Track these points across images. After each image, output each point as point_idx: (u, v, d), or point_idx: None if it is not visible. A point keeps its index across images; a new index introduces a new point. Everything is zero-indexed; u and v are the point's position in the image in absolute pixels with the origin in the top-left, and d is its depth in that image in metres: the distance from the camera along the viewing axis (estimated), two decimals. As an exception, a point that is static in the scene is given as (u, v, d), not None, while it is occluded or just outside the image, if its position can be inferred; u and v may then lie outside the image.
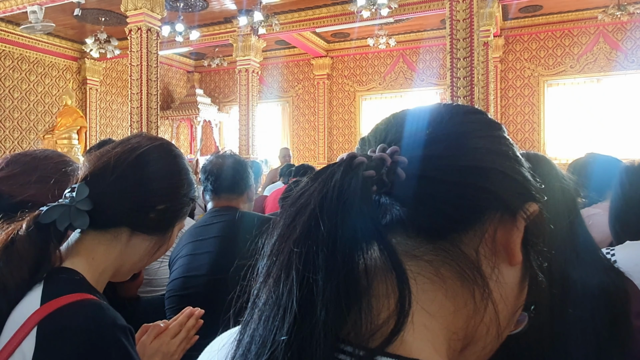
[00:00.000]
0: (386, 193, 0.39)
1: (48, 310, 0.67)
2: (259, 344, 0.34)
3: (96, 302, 0.71)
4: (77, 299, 0.69)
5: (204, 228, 1.67)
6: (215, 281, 1.46)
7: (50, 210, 0.74)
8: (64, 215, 0.74)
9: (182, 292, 1.57)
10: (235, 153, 1.84)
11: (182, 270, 1.61)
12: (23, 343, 0.65)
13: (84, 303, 0.70)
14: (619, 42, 8.64)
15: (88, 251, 0.79)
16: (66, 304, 0.68)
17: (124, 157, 0.82)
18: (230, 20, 8.77)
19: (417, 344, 0.35)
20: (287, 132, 11.37)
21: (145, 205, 0.83)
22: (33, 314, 0.67)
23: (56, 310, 0.67)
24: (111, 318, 0.69)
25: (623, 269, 0.90)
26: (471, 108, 0.46)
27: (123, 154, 0.83)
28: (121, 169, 0.81)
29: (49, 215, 0.73)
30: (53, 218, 0.73)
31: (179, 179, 0.89)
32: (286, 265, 0.34)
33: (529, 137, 9.30)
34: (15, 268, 0.70)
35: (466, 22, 5.28)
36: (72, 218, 0.75)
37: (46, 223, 0.73)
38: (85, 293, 0.71)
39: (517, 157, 0.43)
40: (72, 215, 0.75)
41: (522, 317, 0.46)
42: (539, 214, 0.42)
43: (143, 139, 0.88)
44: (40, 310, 0.67)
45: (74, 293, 0.70)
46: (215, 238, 1.59)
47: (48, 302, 0.68)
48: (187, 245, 1.65)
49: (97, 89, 10.41)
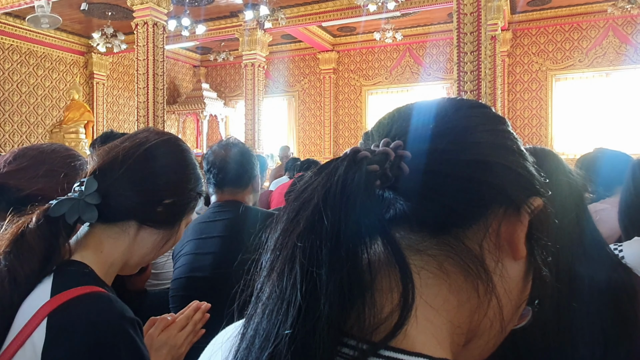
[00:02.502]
0: (390, 187, 0.39)
1: (58, 302, 0.68)
2: (262, 338, 0.34)
3: (104, 294, 0.72)
4: (86, 291, 0.70)
5: (207, 225, 1.62)
6: (218, 282, 1.42)
7: (59, 203, 0.75)
8: (73, 209, 0.75)
9: (185, 292, 1.56)
10: (239, 141, 1.75)
11: (185, 269, 1.58)
12: (34, 334, 0.66)
13: (93, 295, 0.71)
14: (628, 36, 8.53)
15: (96, 244, 0.80)
16: (75, 297, 0.69)
17: (132, 151, 0.83)
18: (236, 15, 8.75)
19: (421, 338, 0.35)
20: (293, 126, 11.37)
21: (153, 199, 0.84)
22: (43, 305, 0.68)
23: (66, 303, 0.68)
24: (119, 310, 0.70)
25: (631, 264, 0.90)
26: (475, 102, 0.45)
27: (131, 149, 0.83)
28: (129, 163, 0.81)
29: (58, 208, 0.74)
30: (62, 211, 0.74)
31: (187, 173, 0.90)
32: (290, 259, 0.34)
33: (536, 132, 9.24)
34: (25, 260, 0.71)
35: (474, 15, 5.23)
36: (81, 211, 0.76)
37: (55, 216, 0.74)
38: (94, 286, 0.72)
39: (522, 151, 0.43)
40: (81, 208, 0.76)
41: (525, 312, 0.46)
42: (544, 209, 0.42)
43: (151, 133, 0.89)
44: (50, 302, 0.68)
45: (83, 286, 0.71)
46: (219, 238, 1.55)
47: (58, 294, 0.69)
48: (190, 243, 1.62)
49: (104, 83, 10.46)
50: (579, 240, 0.83)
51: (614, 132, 8.40)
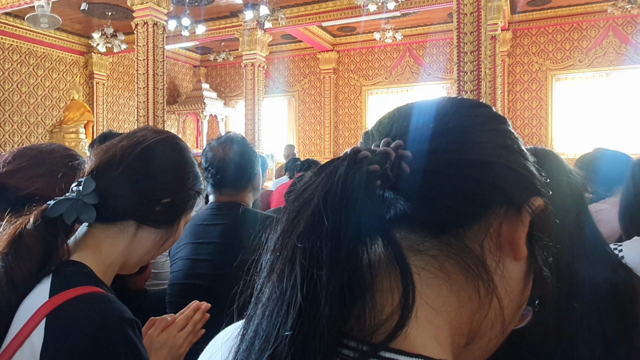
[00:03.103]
0: (390, 187, 0.39)
1: (57, 302, 0.68)
2: (262, 339, 0.33)
3: (103, 295, 0.71)
4: (85, 291, 0.70)
5: (204, 228, 1.55)
6: (215, 289, 1.35)
7: (57, 204, 0.75)
8: (70, 209, 0.75)
9: (182, 299, 1.51)
10: (239, 136, 1.64)
11: (181, 275, 1.54)
12: (32, 334, 0.66)
13: (92, 296, 0.70)
14: (628, 36, 8.52)
15: (95, 244, 0.79)
16: (74, 297, 0.69)
17: (129, 150, 0.82)
18: (236, 15, 8.75)
19: (421, 339, 0.35)
20: (293, 126, 11.36)
21: (151, 198, 0.83)
22: (42, 306, 0.68)
23: (65, 303, 0.68)
24: (118, 311, 0.70)
25: (631, 264, 0.90)
26: (476, 102, 0.45)
27: (129, 148, 0.83)
28: (127, 162, 0.81)
29: (56, 209, 0.74)
30: (60, 212, 0.74)
31: (185, 172, 0.89)
32: (290, 260, 0.34)
33: (536, 132, 9.23)
34: (23, 261, 0.71)
35: (474, 15, 5.23)
36: (79, 212, 0.75)
37: (53, 217, 0.74)
38: (93, 286, 0.72)
39: (522, 151, 0.43)
40: (79, 209, 0.75)
41: (526, 312, 0.45)
42: (544, 209, 0.41)
43: (149, 132, 0.88)
44: (49, 303, 0.68)
45: (82, 286, 0.71)
46: (215, 244, 1.49)
47: (57, 295, 0.69)
48: (186, 246, 1.56)
49: (104, 83, 10.45)
50: (580, 241, 0.83)
51: (614, 132, 8.39)
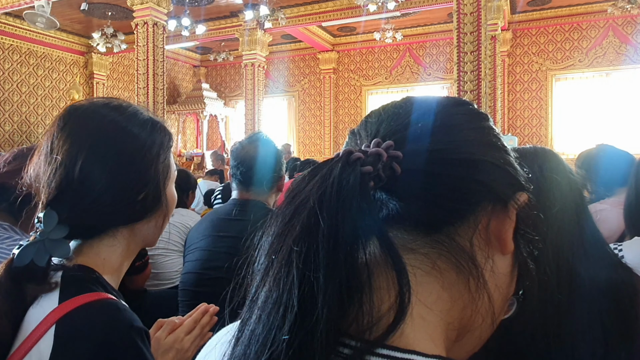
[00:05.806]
0: (382, 188, 0.39)
1: (66, 309, 0.66)
2: (258, 344, 0.33)
3: (113, 302, 0.70)
4: (95, 298, 0.68)
5: (227, 222, 1.58)
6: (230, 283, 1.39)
7: (22, 252, 0.67)
8: (39, 252, 0.67)
9: (196, 288, 1.55)
10: (269, 138, 1.69)
11: (198, 265, 1.56)
12: (40, 342, 0.65)
13: (102, 303, 0.69)
14: (628, 36, 8.53)
15: (95, 252, 0.77)
16: (84, 304, 0.67)
17: (68, 170, 0.73)
18: (236, 15, 8.75)
19: (415, 336, 0.36)
20: (293, 126, 11.37)
21: (124, 202, 0.77)
22: (51, 312, 0.66)
23: (74, 310, 0.66)
24: (128, 320, 0.68)
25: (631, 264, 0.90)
26: (459, 100, 0.46)
27: (65, 168, 0.73)
28: (80, 180, 0.72)
29: (23, 258, 0.67)
30: (29, 258, 0.67)
31: (130, 170, 0.78)
32: (286, 263, 0.34)
33: (536, 132, 9.23)
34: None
35: (474, 15, 5.23)
36: (50, 250, 0.68)
37: (23, 265, 0.67)
38: (102, 292, 0.70)
39: (505, 147, 0.44)
40: (48, 248, 0.68)
41: (511, 302, 0.47)
42: (528, 203, 0.43)
43: (75, 147, 0.75)
44: (58, 310, 0.66)
45: (92, 292, 0.69)
46: (235, 239, 1.50)
47: (66, 302, 0.67)
48: (207, 238, 1.58)
49: (104, 83, 10.45)
50: (580, 240, 0.83)
51: (614, 132, 8.39)
